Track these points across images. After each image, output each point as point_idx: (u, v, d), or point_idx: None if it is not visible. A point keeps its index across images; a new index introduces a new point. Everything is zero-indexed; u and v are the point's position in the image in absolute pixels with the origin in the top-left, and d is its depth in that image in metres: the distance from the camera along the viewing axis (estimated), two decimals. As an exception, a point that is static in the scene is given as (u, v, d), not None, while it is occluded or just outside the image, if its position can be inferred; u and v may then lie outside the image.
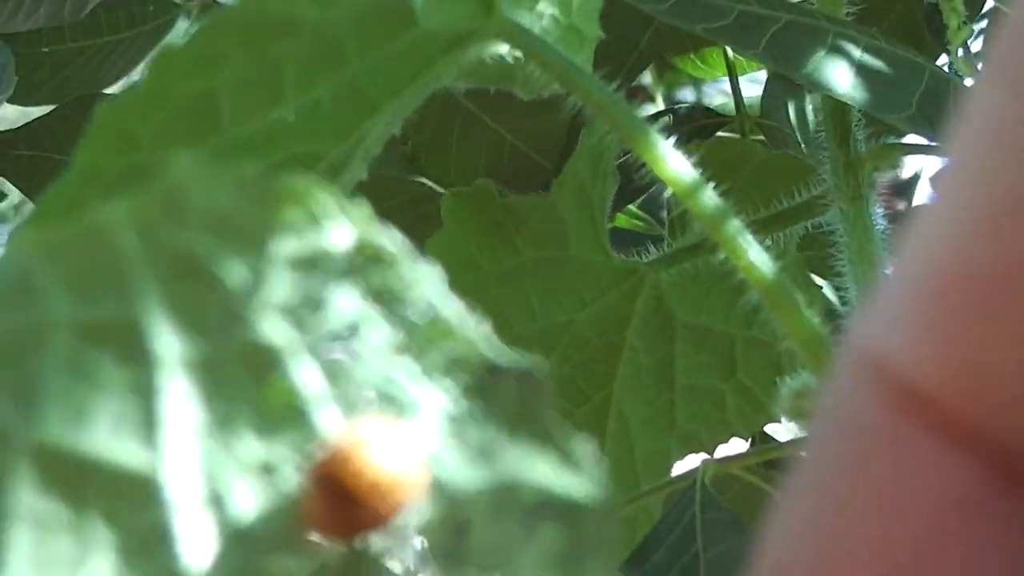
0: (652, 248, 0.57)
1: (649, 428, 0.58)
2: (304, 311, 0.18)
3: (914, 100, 0.45)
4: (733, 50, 0.53)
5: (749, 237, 0.41)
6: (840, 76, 0.44)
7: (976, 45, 0.55)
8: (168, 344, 0.18)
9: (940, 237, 0.15)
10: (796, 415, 0.41)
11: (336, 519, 0.18)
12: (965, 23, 0.49)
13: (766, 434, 0.67)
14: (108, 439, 0.18)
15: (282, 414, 0.18)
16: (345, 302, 0.18)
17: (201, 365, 0.18)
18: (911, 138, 0.50)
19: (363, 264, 0.19)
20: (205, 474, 0.18)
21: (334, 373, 0.18)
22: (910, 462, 0.15)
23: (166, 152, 0.32)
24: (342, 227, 0.18)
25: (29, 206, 0.78)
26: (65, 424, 0.17)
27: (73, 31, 0.72)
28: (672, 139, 0.41)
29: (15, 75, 0.67)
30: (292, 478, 0.18)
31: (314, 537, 0.18)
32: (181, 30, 0.79)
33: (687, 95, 0.92)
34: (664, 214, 0.67)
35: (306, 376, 0.18)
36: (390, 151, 0.49)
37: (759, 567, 0.16)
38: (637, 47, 0.65)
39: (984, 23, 0.60)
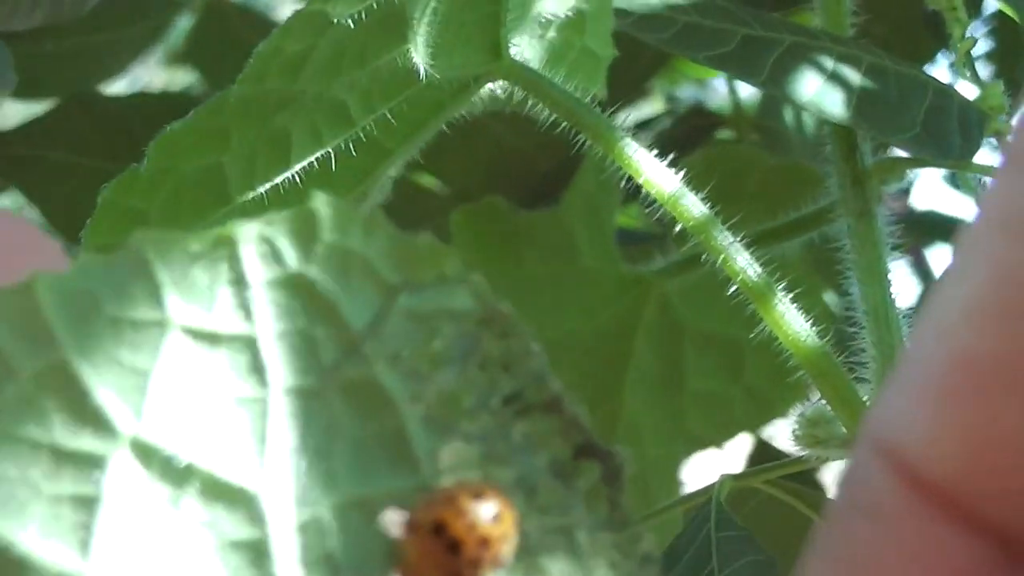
0: (657, 254, 0.57)
1: (659, 433, 0.59)
2: (420, 363, 0.19)
3: (918, 119, 0.45)
4: (737, 79, 0.52)
5: (744, 253, 0.42)
6: (842, 101, 0.44)
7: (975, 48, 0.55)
8: (278, 366, 0.19)
9: (947, 328, 0.16)
10: (811, 443, 0.41)
11: (436, 567, 0.19)
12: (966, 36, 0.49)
13: (765, 442, 0.67)
14: (209, 443, 0.18)
15: (386, 456, 0.19)
16: (459, 362, 0.19)
17: (307, 393, 0.19)
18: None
19: (482, 330, 0.19)
20: (304, 500, 0.18)
21: (439, 426, 0.19)
22: (921, 542, 0.16)
23: (175, 225, 0.33)
24: (467, 293, 0.19)
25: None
26: (167, 423, 0.18)
27: (80, 25, 0.71)
28: (672, 155, 0.42)
29: (17, 72, 0.67)
30: (392, 519, 0.19)
31: None
32: (182, 28, 0.79)
33: (690, 92, 0.92)
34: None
35: (413, 424, 0.19)
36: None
37: None
38: (646, 50, 0.65)
39: (985, 24, 0.60)
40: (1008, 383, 0.15)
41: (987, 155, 0.47)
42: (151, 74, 0.92)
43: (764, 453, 0.67)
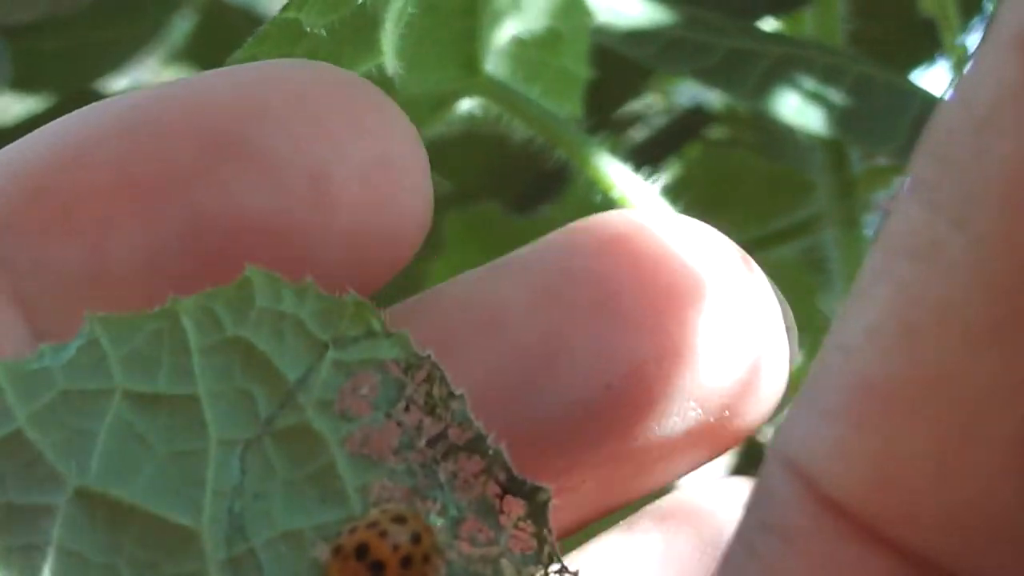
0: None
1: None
2: (349, 408, 0.20)
3: (905, 129, 0.45)
4: (722, 92, 0.52)
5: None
6: (826, 114, 0.44)
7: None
8: (217, 418, 0.20)
9: (852, 349, 0.16)
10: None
11: None
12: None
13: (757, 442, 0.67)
14: (150, 490, 0.20)
15: (317, 493, 0.20)
16: (385, 406, 0.21)
17: (246, 443, 0.20)
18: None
19: (407, 377, 0.21)
20: (240, 532, 0.20)
21: (367, 464, 0.20)
22: (830, 561, 0.17)
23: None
24: (392, 345, 0.21)
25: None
26: (111, 473, 0.20)
27: (80, 22, 0.71)
28: (654, 164, 0.42)
29: (16, 69, 0.67)
30: (321, 548, 0.20)
31: None
32: (181, 27, 0.79)
33: (687, 87, 0.91)
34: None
35: (343, 463, 0.20)
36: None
37: None
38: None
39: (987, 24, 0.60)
40: (911, 405, 0.16)
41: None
42: (151, 74, 0.92)
43: (757, 453, 0.67)
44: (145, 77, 0.85)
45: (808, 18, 0.52)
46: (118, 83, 0.77)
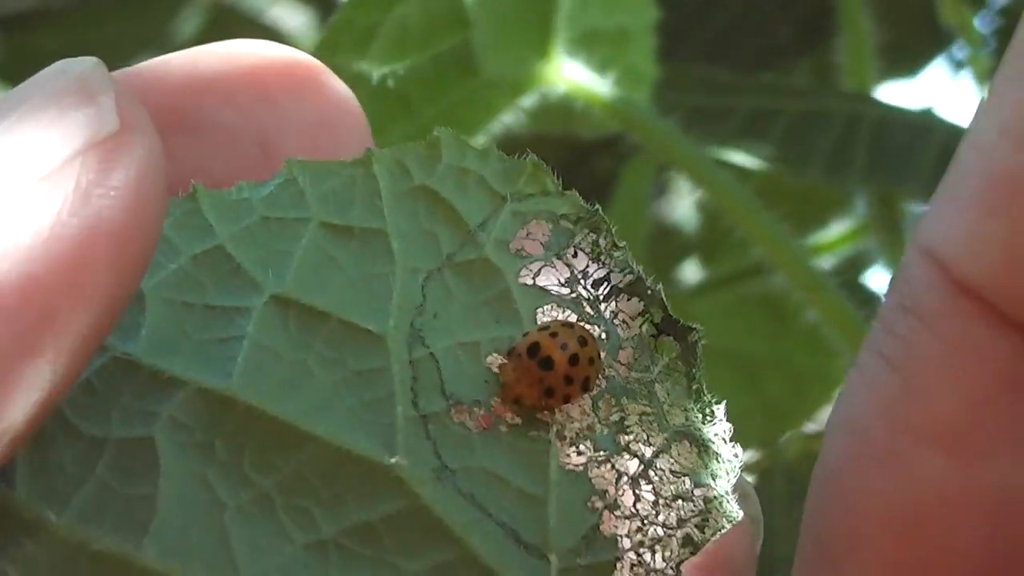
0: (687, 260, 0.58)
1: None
2: (524, 250, 0.23)
3: (928, 166, 0.46)
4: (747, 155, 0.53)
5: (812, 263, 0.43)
6: (850, 166, 0.45)
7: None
8: (403, 249, 0.22)
9: (986, 146, 0.17)
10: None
11: (531, 384, 0.22)
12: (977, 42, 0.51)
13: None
14: (339, 301, 0.22)
15: (493, 313, 0.22)
16: (556, 249, 0.23)
17: (427, 272, 0.22)
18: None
19: (576, 228, 0.23)
20: (421, 340, 0.22)
21: (538, 292, 0.23)
22: (960, 339, 0.18)
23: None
24: (564, 201, 0.23)
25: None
26: (305, 285, 0.22)
27: (80, 19, 0.71)
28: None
29: (14, 64, 0.67)
30: (495, 358, 0.22)
31: (504, 403, 0.22)
32: (185, 28, 0.78)
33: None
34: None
35: (516, 290, 0.23)
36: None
37: (832, 423, 0.20)
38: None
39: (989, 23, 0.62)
40: None
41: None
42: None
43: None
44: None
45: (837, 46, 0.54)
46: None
